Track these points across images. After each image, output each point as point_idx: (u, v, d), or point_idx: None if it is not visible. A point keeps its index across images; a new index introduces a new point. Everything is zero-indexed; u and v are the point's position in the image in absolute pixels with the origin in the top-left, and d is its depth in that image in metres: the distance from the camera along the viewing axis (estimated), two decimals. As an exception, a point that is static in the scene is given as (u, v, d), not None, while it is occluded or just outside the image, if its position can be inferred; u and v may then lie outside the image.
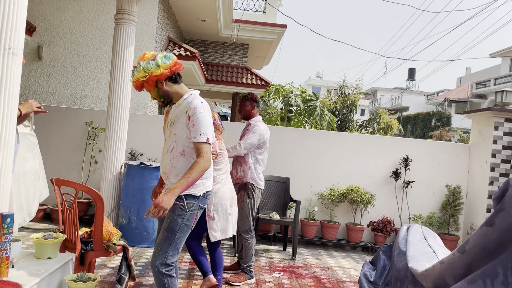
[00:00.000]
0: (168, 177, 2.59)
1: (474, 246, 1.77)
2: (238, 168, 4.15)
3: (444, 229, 6.00)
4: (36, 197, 3.93)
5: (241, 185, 4.12)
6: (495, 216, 1.69)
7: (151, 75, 2.49)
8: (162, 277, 2.48)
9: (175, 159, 2.56)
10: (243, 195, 4.09)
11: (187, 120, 2.50)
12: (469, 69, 38.60)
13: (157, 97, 2.60)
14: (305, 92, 8.19)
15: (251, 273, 4.04)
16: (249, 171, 4.10)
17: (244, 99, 4.24)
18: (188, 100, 2.56)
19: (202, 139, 2.45)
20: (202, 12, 9.91)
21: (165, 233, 2.51)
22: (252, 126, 4.14)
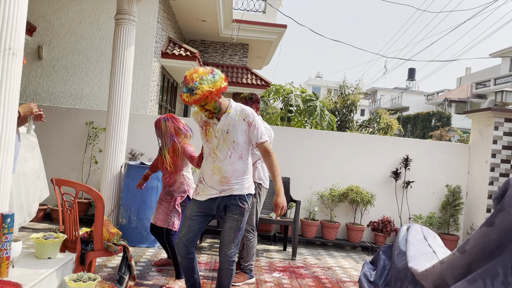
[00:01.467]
0: (229, 180, 2.84)
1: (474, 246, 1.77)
2: None
3: (444, 229, 6.00)
4: (36, 197, 3.93)
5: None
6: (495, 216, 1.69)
7: (219, 87, 2.70)
8: (232, 267, 2.90)
9: (236, 163, 2.85)
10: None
11: (247, 127, 2.84)
12: (469, 69, 38.60)
13: (212, 109, 2.80)
14: (305, 92, 8.19)
15: (251, 272, 4.04)
16: (255, 171, 4.09)
17: (250, 101, 4.20)
18: (237, 108, 2.86)
19: (265, 139, 2.88)
20: (202, 12, 9.92)
21: (236, 232, 2.87)
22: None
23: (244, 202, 2.87)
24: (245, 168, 2.89)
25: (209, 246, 5.26)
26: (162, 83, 9.37)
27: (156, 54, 8.23)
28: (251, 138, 2.86)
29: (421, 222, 5.86)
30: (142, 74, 7.85)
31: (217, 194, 2.86)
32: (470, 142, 6.21)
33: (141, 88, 7.79)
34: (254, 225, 4.08)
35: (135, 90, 7.66)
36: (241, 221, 2.87)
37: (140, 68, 7.83)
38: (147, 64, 7.88)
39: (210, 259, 4.69)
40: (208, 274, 4.15)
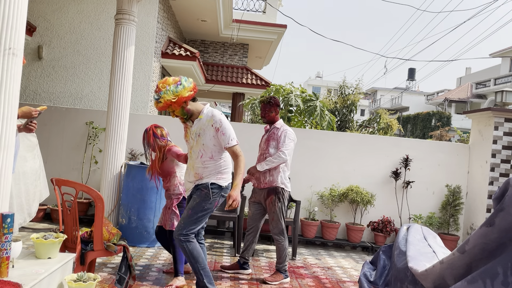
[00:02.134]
0: (201, 177, 3.18)
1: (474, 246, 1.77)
2: (266, 173, 4.10)
3: (444, 229, 6.00)
4: (36, 197, 3.93)
5: (270, 189, 4.09)
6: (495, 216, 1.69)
7: (180, 97, 3.01)
8: (182, 243, 3.08)
9: (207, 163, 3.17)
10: (274, 199, 4.07)
11: (215, 132, 3.11)
12: (469, 69, 38.60)
13: (181, 115, 3.14)
14: (305, 92, 8.18)
15: (286, 272, 4.13)
16: (278, 175, 4.08)
17: (269, 105, 4.15)
18: (208, 114, 3.15)
19: (233, 143, 3.13)
20: (202, 12, 9.92)
21: (189, 212, 3.13)
22: (283, 131, 4.11)
23: (205, 188, 3.15)
24: (217, 167, 3.20)
25: (209, 246, 5.26)
26: (162, 83, 9.35)
27: (156, 54, 8.23)
28: (220, 142, 3.14)
29: (421, 222, 5.86)
30: (142, 74, 7.85)
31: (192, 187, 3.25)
32: (470, 142, 6.21)
33: (141, 88, 7.79)
34: (283, 229, 4.10)
35: (135, 90, 7.66)
36: (198, 202, 3.13)
37: (140, 68, 7.83)
38: (147, 64, 7.88)
39: (210, 259, 4.69)
40: (208, 274, 4.15)
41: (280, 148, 4.03)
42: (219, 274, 4.19)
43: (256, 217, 4.30)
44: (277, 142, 4.09)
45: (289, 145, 4.04)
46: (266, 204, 4.13)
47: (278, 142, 4.07)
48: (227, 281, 3.98)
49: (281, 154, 4.00)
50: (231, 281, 4.01)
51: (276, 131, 4.14)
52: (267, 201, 4.11)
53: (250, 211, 4.30)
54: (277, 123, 4.19)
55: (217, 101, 23.00)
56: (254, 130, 6.17)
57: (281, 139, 4.06)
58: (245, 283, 3.98)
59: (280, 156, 4.00)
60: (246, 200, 5.15)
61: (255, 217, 4.30)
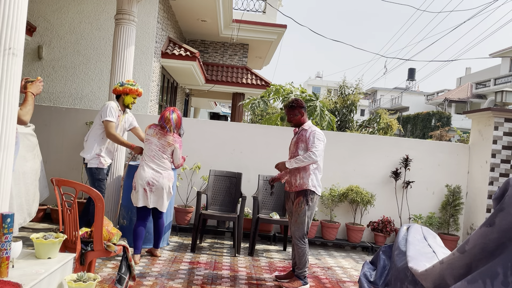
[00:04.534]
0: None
1: (474, 246, 1.77)
2: (297, 175, 3.99)
3: (444, 229, 6.00)
4: (36, 197, 3.93)
5: (300, 191, 3.97)
6: (495, 216, 1.69)
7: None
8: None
9: None
10: (301, 201, 3.95)
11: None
12: (469, 69, 38.60)
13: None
14: (305, 92, 8.18)
15: (305, 279, 3.99)
16: (309, 178, 3.97)
17: (292, 108, 4.05)
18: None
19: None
20: (202, 12, 9.92)
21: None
22: (312, 132, 3.98)
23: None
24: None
25: (209, 246, 5.26)
26: (162, 83, 9.37)
27: (156, 54, 8.23)
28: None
29: (421, 222, 5.86)
30: (142, 74, 7.85)
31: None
32: (470, 142, 6.21)
33: (141, 88, 7.78)
34: (305, 233, 3.97)
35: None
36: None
37: (140, 68, 7.83)
38: (147, 64, 7.88)
39: (210, 259, 4.69)
40: (208, 274, 4.15)
41: (310, 149, 3.91)
42: (219, 274, 4.19)
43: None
44: (305, 144, 3.97)
45: (318, 146, 3.90)
46: (293, 206, 4.02)
47: (307, 144, 3.95)
48: (227, 281, 3.98)
49: (311, 154, 3.86)
50: (231, 281, 4.01)
51: (304, 133, 4.02)
52: (294, 202, 4.01)
53: (289, 217, 4.17)
54: (305, 124, 4.07)
55: (217, 101, 23.00)
56: (255, 130, 6.18)
57: (310, 140, 3.95)
58: (245, 283, 3.98)
59: (310, 156, 3.85)
60: (245, 200, 5.15)
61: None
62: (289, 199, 4.13)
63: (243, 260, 4.77)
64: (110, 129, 4.43)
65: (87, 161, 4.44)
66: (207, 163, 5.88)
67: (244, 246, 5.37)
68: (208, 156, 5.92)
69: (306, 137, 3.98)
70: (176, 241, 5.35)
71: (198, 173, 5.88)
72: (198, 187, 5.83)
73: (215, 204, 5.40)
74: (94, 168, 4.44)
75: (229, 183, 5.45)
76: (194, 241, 4.93)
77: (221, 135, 6.04)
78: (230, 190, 5.42)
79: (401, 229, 3.37)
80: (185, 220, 5.72)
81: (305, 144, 3.98)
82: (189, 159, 5.87)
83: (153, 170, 4.29)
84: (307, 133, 4.00)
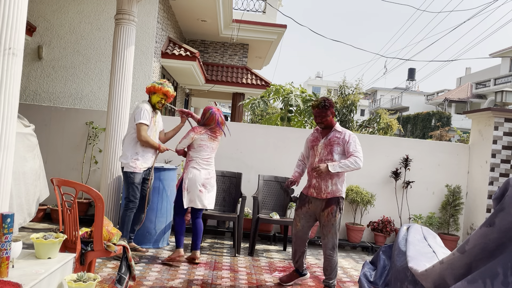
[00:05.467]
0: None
1: (474, 246, 1.77)
2: (328, 181, 3.68)
3: (444, 229, 6.00)
4: (36, 197, 3.93)
5: (332, 199, 3.68)
6: (495, 216, 1.69)
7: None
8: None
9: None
10: (334, 210, 3.66)
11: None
12: (469, 69, 38.61)
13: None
14: (305, 92, 8.18)
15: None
16: (343, 184, 3.72)
17: (324, 109, 3.68)
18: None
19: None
20: (202, 12, 9.92)
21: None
22: (351, 136, 3.70)
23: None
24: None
25: (209, 246, 5.26)
26: (162, 83, 9.36)
27: (156, 54, 8.23)
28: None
29: (421, 222, 5.86)
30: (142, 74, 7.85)
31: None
32: (470, 142, 6.21)
33: (141, 88, 7.79)
34: (337, 243, 3.77)
35: (135, 90, 7.66)
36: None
37: (140, 68, 7.83)
38: (147, 64, 7.88)
39: (210, 259, 4.69)
40: (208, 274, 4.15)
41: (353, 154, 3.58)
42: (219, 274, 4.19)
43: (306, 230, 3.88)
44: (342, 148, 3.65)
45: (360, 151, 3.62)
46: (323, 215, 3.69)
47: (347, 148, 3.63)
48: (227, 281, 3.98)
49: (358, 160, 3.55)
50: (231, 281, 4.01)
51: (339, 135, 3.70)
52: (325, 211, 3.67)
53: (300, 224, 3.85)
54: (337, 126, 3.77)
55: (217, 101, 22.99)
56: (255, 130, 6.18)
57: (351, 144, 3.63)
58: (245, 283, 3.98)
59: (357, 162, 3.55)
60: (245, 200, 5.15)
61: (305, 231, 3.88)
62: (311, 204, 3.79)
63: (243, 260, 4.77)
64: (142, 131, 4.33)
65: (123, 165, 4.38)
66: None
67: (244, 246, 5.37)
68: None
69: (345, 141, 3.65)
70: (176, 241, 5.34)
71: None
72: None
73: (215, 204, 5.40)
74: (129, 172, 4.36)
75: (229, 183, 5.45)
76: (194, 241, 4.93)
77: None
78: (230, 190, 5.42)
79: (401, 229, 3.37)
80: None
81: (342, 148, 3.66)
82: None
83: (207, 170, 4.38)
84: (345, 136, 3.68)
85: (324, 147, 3.72)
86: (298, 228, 3.88)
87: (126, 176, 4.39)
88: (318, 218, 3.77)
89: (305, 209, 3.83)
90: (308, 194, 3.81)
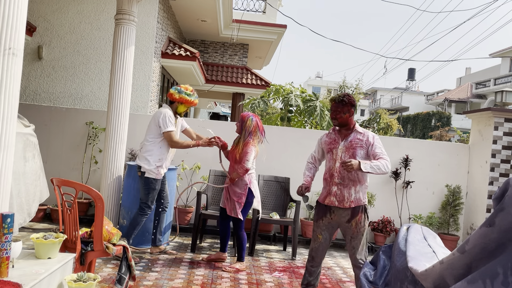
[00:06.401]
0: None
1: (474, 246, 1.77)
2: (351, 188, 3.32)
3: (444, 229, 6.00)
4: (36, 197, 3.93)
5: (358, 208, 3.32)
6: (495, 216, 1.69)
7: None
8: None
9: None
10: (362, 219, 3.32)
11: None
12: (469, 69, 38.61)
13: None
14: (305, 92, 8.18)
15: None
16: (365, 191, 3.39)
17: (341, 104, 3.35)
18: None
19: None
20: (202, 12, 9.91)
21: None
22: (375, 138, 3.38)
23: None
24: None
25: (209, 246, 5.26)
26: (162, 83, 9.37)
27: (156, 54, 8.23)
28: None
29: (421, 222, 5.86)
30: (142, 74, 7.85)
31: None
32: (470, 142, 6.20)
33: (141, 88, 7.79)
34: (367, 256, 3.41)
35: (135, 90, 7.66)
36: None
37: (140, 68, 7.83)
38: (147, 64, 7.87)
39: (210, 259, 4.69)
40: (208, 274, 4.15)
41: (383, 157, 3.25)
42: (219, 274, 4.19)
43: (327, 244, 3.48)
44: (366, 151, 3.33)
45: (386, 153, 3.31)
46: (350, 226, 3.33)
47: (372, 151, 3.32)
48: (227, 281, 3.98)
49: (389, 164, 3.24)
50: (231, 281, 4.01)
51: (361, 137, 3.36)
52: (352, 222, 3.32)
53: (322, 236, 3.44)
54: (357, 127, 3.42)
55: (217, 101, 22.99)
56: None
57: (376, 146, 3.31)
58: (245, 283, 3.98)
59: (387, 166, 3.22)
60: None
61: (327, 244, 3.47)
62: (333, 214, 3.38)
63: (243, 260, 4.77)
64: (173, 138, 4.35)
65: (145, 170, 4.33)
66: (207, 163, 5.88)
67: (244, 246, 5.37)
68: (208, 156, 5.92)
69: (369, 143, 3.33)
70: (176, 241, 5.35)
71: (198, 173, 5.88)
72: (198, 187, 5.83)
73: (215, 204, 5.40)
74: (152, 178, 4.36)
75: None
76: (194, 241, 4.93)
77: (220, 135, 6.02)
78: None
79: (401, 229, 3.36)
80: (185, 220, 5.72)
81: (365, 151, 3.34)
82: (189, 159, 5.88)
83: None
84: (368, 138, 3.36)
85: (346, 151, 3.35)
86: (320, 241, 3.44)
87: (148, 182, 4.36)
88: (344, 230, 3.38)
89: (327, 220, 3.41)
90: (329, 203, 3.39)
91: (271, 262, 4.81)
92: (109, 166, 4.98)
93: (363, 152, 3.33)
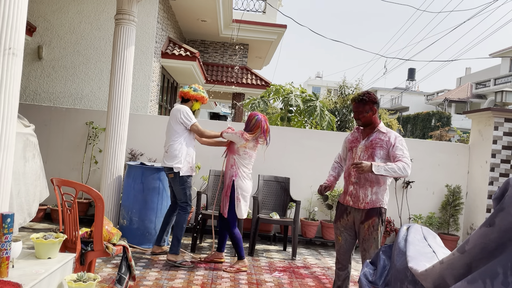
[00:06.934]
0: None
1: (474, 246, 1.77)
2: (368, 189, 3.20)
3: (444, 229, 6.00)
4: (36, 197, 3.93)
5: (373, 210, 3.19)
6: (495, 216, 1.69)
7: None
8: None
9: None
10: (376, 223, 3.18)
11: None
12: (469, 69, 38.61)
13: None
14: (305, 92, 8.18)
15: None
16: (384, 193, 3.23)
17: (362, 103, 3.23)
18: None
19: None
20: (202, 12, 9.92)
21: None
22: (396, 137, 3.23)
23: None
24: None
25: (209, 246, 5.26)
26: (162, 83, 9.37)
27: (156, 54, 8.23)
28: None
29: (421, 222, 5.86)
30: (142, 74, 7.85)
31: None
32: (470, 142, 6.20)
33: (141, 88, 7.79)
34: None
35: (135, 90, 7.66)
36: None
37: (140, 68, 7.83)
38: (147, 64, 7.87)
39: (210, 259, 4.69)
40: (208, 274, 4.15)
41: (403, 160, 3.09)
42: (219, 274, 4.19)
43: (350, 246, 3.36)
44: (386, 151, 3.19)
45: (409, 156, 3.16)
46: (363, 228, 3.22)
47: (392, 152, 3.17)
48: (227, 281, 3.98)
49: (407, 167, 3.06)
50: (231, 281, 4.01)
51: (382, 137, 3.23)
52: (365, 224, 3.20)
53: (341, 238, 3.34)
54: (381, 126, 3.29)
55: (217, 101, 22.99)
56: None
57: (397, 148, 3.16)
58: (245, 283, 3.98)
59: (405, 168, 3.05)
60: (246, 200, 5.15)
61: (349, 246, 3.36)
62: (349, 215, 3.30)
63: (243, 260, 4.77)
64: (201, 128, 4.41)
65: (179, 169, 4.29)
66: (207, 163, 5.88)
67: (244, 246, 5.37)
68: (208, 156, 5.92)
69: (390, 144, 3.19)
70: (176, 241, 5.34)
71: (198, 173, 5.88)
72: (198, 187, 5.83)
73: (215, 204, 5.39)
74: (186, 176, 4.36)
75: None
76: (194, 241, 4.94)
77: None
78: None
79: (401, 229, 3.36)
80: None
81: (386, 152, 3.19)
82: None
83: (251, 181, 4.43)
84: (390, 139, 3.21)
85: (365, 150, 3.24)
86: (340, 243, 3.36)
87: (183, 181, 4.35)
88: (358, 231, 3.28)
89: (344, 221, 3.32)
90: (344, 202, 3.32)
91: (271, 262, 4.81)
92: (109, 166, 4.99)
93: (383, 153, 3.19)
